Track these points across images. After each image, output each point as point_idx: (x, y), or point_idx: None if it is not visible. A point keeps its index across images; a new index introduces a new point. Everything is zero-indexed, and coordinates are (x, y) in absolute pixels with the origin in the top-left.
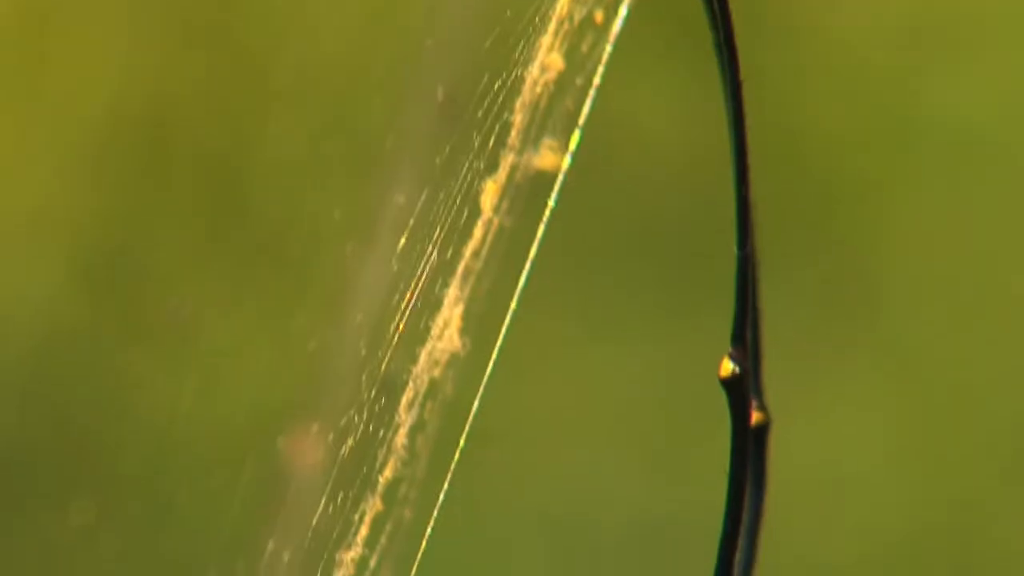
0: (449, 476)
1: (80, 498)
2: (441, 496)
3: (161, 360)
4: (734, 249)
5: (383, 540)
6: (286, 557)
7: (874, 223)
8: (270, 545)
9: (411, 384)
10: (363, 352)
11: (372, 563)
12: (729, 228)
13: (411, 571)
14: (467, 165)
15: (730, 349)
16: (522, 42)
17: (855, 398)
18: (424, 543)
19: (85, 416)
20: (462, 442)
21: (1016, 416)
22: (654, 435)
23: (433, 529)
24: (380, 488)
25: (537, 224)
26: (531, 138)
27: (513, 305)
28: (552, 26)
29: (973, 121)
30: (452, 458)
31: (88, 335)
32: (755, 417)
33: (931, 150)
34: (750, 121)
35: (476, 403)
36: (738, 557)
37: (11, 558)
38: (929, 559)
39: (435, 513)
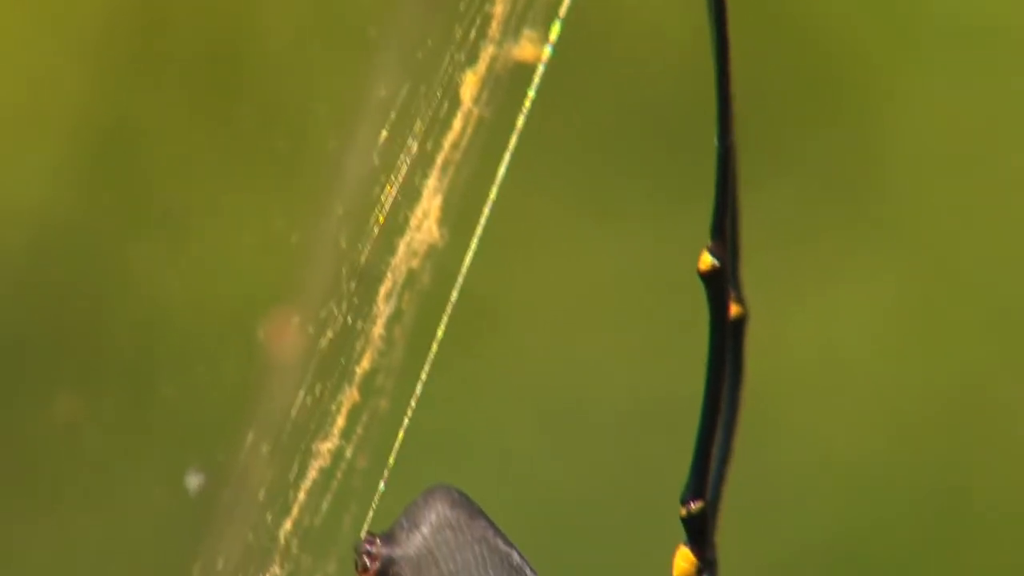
0: (427, 366)
1: (64, 392)
2: (419, 387)
3: (146, 253)
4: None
5: (359, 431)
6: (265, 449)
7: (878, 101)
8: (249, 437)
9: (389, 275)
10: (343, 244)
11: (348, 453)
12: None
13: (388, 461)
14: (448, 58)
15: (709, 243)
16: None
17: (856, 279)
18: (401, 433)
19: (69, 311)
20: (439, 332)
21: (1021, 298)
22: (644, 319)
23: (410, 419)
24: (357, 379)
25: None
26: (511, 29)
27: (492, 194)
28: None
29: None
30: (430, 348)
31: (74, 229)
32: (733, 310)
33: (939, 29)
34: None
35: (454, 293)
36: (715, 450)
37: None
38: (931, 444)
39: (412, 403)
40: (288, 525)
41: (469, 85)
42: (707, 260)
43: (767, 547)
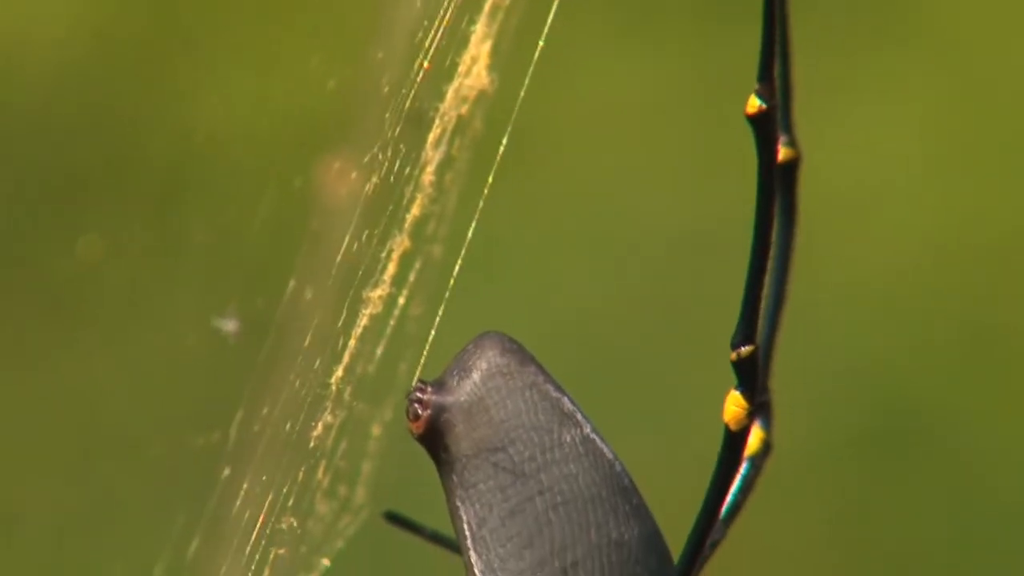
0: (478, 213)
1: (90, 233)
2: (470, 232)
3: (176, 91)
4: None
5: (411, 277)
6: (308, 294)
7: None
8: (291, 283)
9: (438, 121)
10: (385, 90)
11: (401, 300)
12: None
13: (439, 308)
14: None
15: (756, 85)
16: None
17: (896, 100)
18: (452, 281)
19: (96, 149)
20: (490, 178)
21: None
22: (689, 146)
23: (462, 265)
24: (407, 225)
25: None
26: None
27: (541, 42)
28: None
29: None
30: (481, 194)
31: (104, 63)
32: (784, 154)
33: None
34: None
35: (505, 139)
36: (767, 292)
37: (19, 293)
38: (967, 270)
39: (463, 250)
40: (339, 372)
41: None
42: (754, 103)
43: (799, 373)
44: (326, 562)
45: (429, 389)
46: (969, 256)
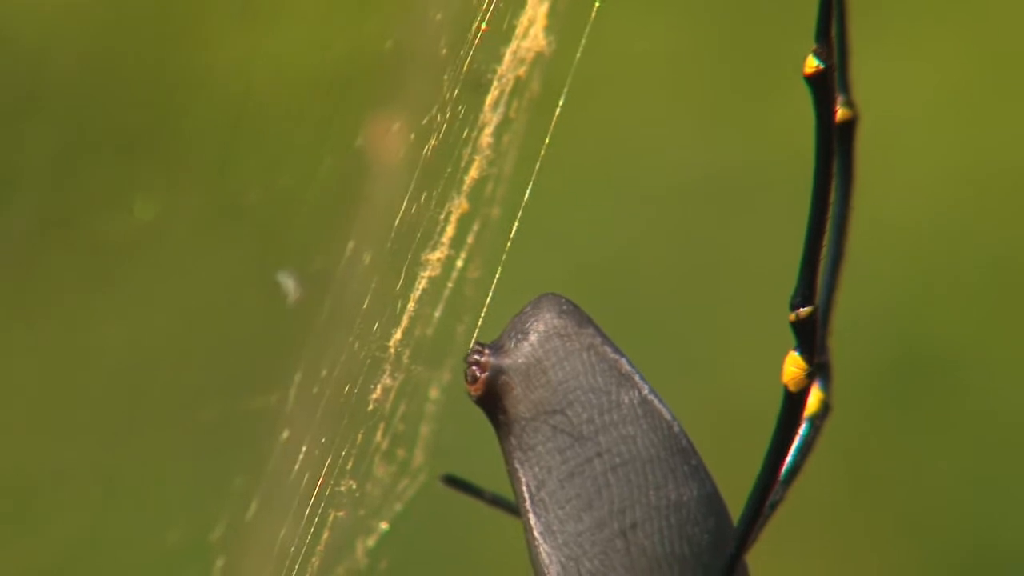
0: (534, 175)
1: (143, 194)
2: (526, 195)
3: (233, 52)
4: None
5: (470, 240)
6: (367, 258)
7: None
8: (350, 245)
9: (496, 83)
10: (443, 52)
11: (459, 263)
12: None
13: (497, 270)
14: None
15: (814, 45)
16: None
17: (914, 41)
18: (508, 243)
19: (148, 107)
20: (547, 139)
21: None
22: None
23: (519, 226)
24: (466, 187)
25: None
26: None
27: (597, 2)
28: None
29: None
30: (538, 155)
31: (161, 16)
32: (842, 114)
33: None
34: None
35: (561, 100)
36: (825, 253)
37: (73, 254)
38: (985, 211)
39: (520, 212)
40: (398, 335)
41: None
42: (812, 63)
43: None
44: (384, 525)
45: (487, 351)
46: (993, 195)
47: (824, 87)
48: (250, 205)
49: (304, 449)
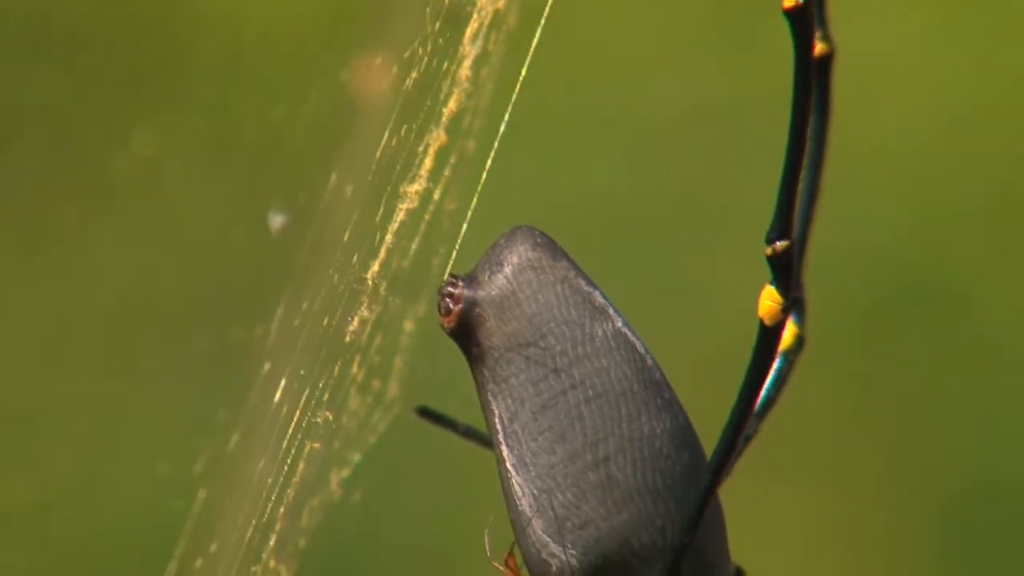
0: (510, 107)
1: (142, 128)
2: (502, 127)
3: None
4: None
5: (447, 172)
6: (349, 190)
7: None
8: (333, 178)
9: (475, 16)
10: None
11: (436, 195)
12: None
13: (472, 202)
14: None
15: None
16: None
17: None
18: (484, 175)
19: (148, 46)
20: (523, 72)
21: None
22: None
23: (499, 160)
24: (444, 120)
25: None
26: None
27: None
28: None
29: None
30: (514, 89)
31: None
32: (819, 48)
33: None
34: None
35: (538, 32)
36: (802, 187)
37: (73, 188)
38: (979, 137)
39: (496, 144)
40: (376, 267)
41: None
42: None
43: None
44: (359, 457)
45: (460, 283)
46: (992, 123)
47: (802, 21)
48: (240, 141)
49: (284, 382)
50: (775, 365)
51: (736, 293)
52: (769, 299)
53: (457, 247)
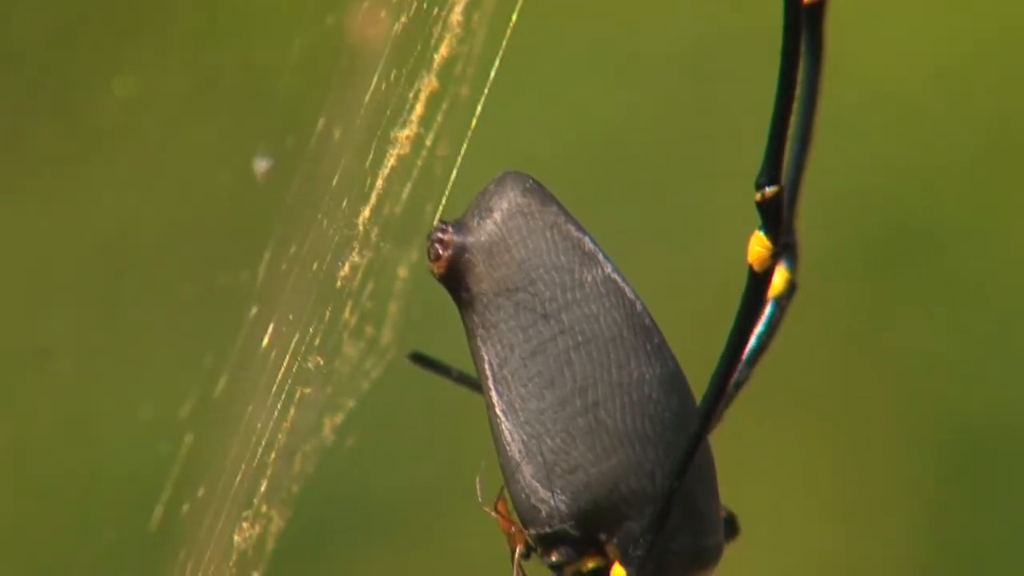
0: (501, 53)
1: (125, 72)
2: (492, 72)
3: None
4: None
5: (439, 118)
6: (337, 134)
7: None
8: (320, 122)
9: None
10: None
11: (428, 141)
12: None
13: (462, 147)
14: None
15: None
16: None
17: None
18: (474, 121)
19: None
20: (514, 17)
21: None
22: None
23: (492, 105)
24: (436, 66)
25: None
26: None
27: None
28: None
29: None
30: (506, 34)
31: None
32: None
33: None
34: None
35: None
36: (793, 133)
37: (56, 132)
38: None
39: (486, 89)
40: (366, 212)
41: None
42: None
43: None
44: (351, 403)
45: (450, 229)
46: (987, 63)
47: None
48: (225, 85)
49: (272, 326)
50: (766, 311)
51: (735, 237)
52: (758, 245)
53: (448, 193)
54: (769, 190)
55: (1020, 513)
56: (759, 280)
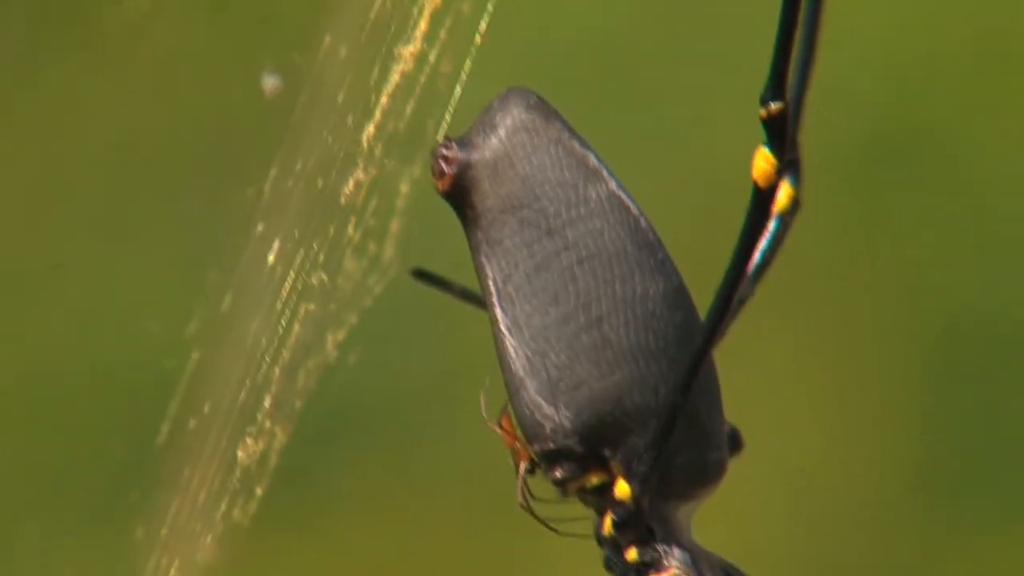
0: None
1: None
2: None
3: None
4: None
5: (442, 34)
6: (343, 52)
7: None
8: (326, 39)
9: None
10: None
11: (431, 57)
12: None
13: (465, 63)
14: None
15: None
16: None
17: None
18: (478, 36)
19: None
20: None
21: None
22: None
23: (495, 21)
24: None
25: None
26: None
27: None
28: None
29: None
30: None
31: None
32: None
33: None
34: None
35: None
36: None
37: (68, 47)
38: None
39: (489, 5)
40: (371, 129)
41: None
42: None
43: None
44: (354, 319)
45: (454, 146)
46: None
47: None
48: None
49: (277, 243)
50: (770, 227)
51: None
52: (763, 161)
53: (452, 109)
54: (774, 106)
55: (1015, 413)
56: (764, 196)
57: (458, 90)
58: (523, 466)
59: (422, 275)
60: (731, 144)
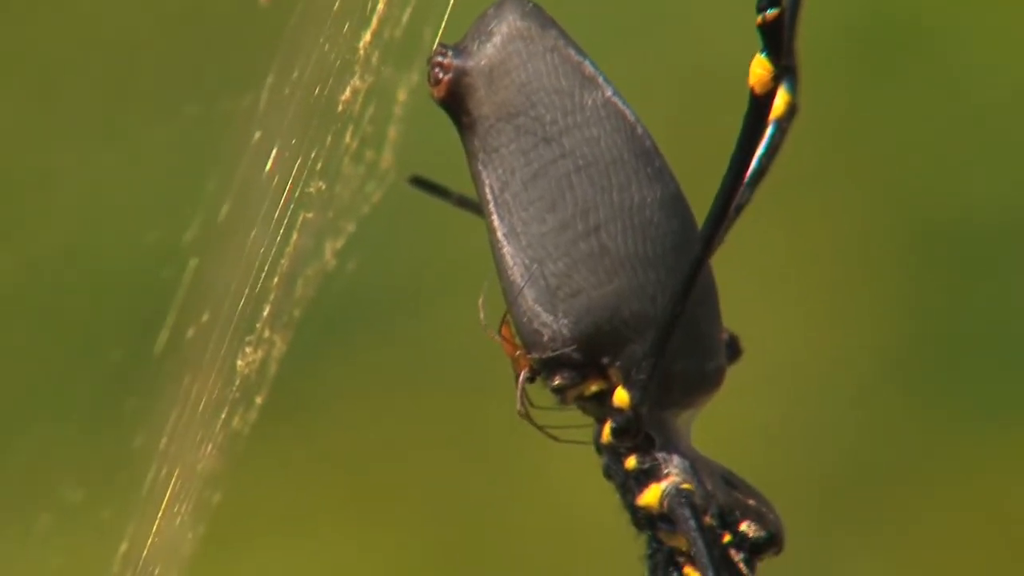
0: None
1: None
2: None
3: None
4: None
5: None
6: None
7: None
8: None
9: None
10: None
11: None
12: None
13: None
14: None
15: None
16: None
17: None
18: None
19: None
20: None
21: None
22: None
23: None
24: None
25: None
26: None
27: None
28: None
29: None
30: None
31: None
32: None
33: None
34: None
35: None
36: None
37: None
38: None
39: None
40: (367, 37)
41: None
42: None
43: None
44: (352, 227)
45: (450, 53)
46: None
47: None
48: None
49: (275, 151)
50: (767, 133)
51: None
52: (760, 68)
53: (447, 17)
54: (770, 12)
55: (994, 301)
56: (760, 102)
57: None
58: (523, 374)
59: (420, 182)
60: (719, 31)
